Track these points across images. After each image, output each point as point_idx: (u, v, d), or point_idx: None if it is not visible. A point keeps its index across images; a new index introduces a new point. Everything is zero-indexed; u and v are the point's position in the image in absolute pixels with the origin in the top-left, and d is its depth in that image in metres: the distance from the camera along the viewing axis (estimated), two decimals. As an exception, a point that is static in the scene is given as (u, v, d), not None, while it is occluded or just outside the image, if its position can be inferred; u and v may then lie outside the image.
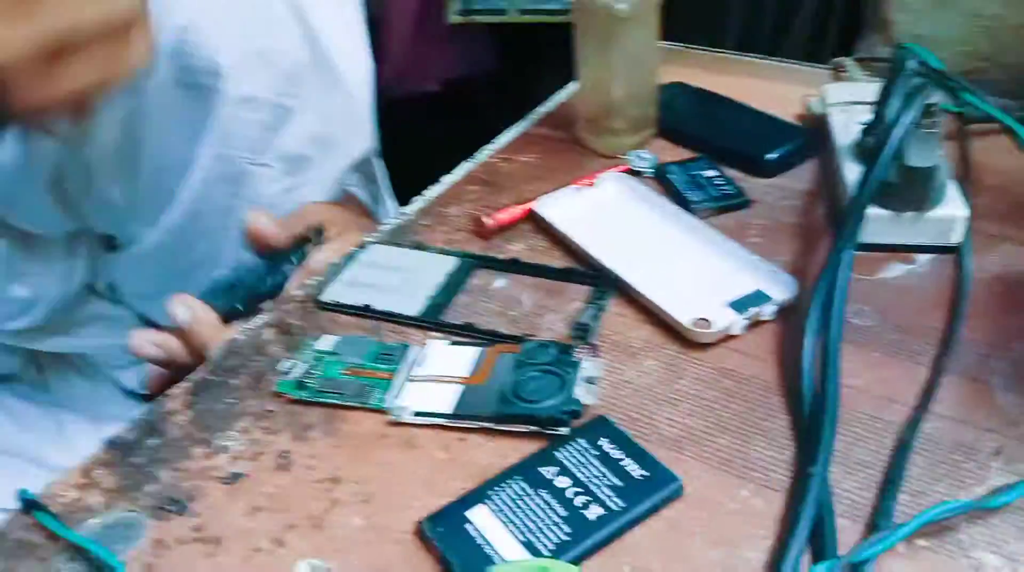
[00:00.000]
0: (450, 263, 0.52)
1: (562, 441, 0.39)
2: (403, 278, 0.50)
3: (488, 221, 0.54)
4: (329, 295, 0.49)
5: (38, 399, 0.66)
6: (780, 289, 0.46)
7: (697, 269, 0.49)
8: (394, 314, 0.48)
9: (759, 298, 0.46)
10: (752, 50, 0.77)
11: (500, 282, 0.50)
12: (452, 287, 0.50)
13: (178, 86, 0.53)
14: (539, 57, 1.22)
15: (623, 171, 0.59)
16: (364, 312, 0.48)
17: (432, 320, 0.47)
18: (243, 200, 0.58)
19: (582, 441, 0.39)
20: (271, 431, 0.41)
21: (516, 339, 0.45)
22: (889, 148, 0.46)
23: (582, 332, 0.46)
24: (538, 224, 0.55)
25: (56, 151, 0.53)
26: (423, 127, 1.10)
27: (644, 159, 0.60)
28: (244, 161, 0.57)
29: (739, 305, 0.45)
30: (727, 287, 0.47)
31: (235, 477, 0.39)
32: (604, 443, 0.38)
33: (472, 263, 0.52)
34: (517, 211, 0.55)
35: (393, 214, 0.60)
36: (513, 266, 0.52)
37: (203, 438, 0.41)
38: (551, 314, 0.48)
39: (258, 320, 0.48)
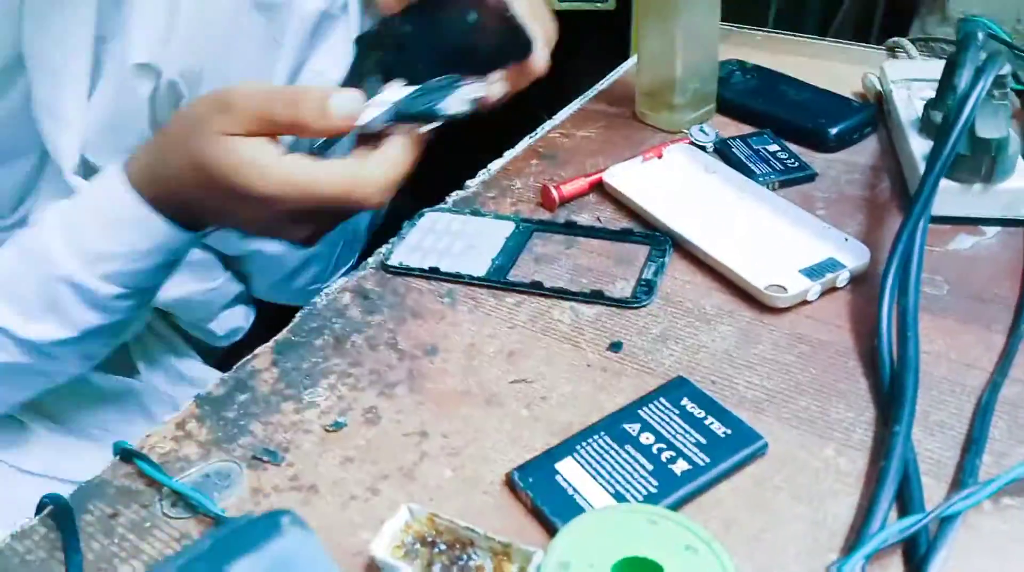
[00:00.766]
0: (507, 227, 0.53)
1: (644, 401, 0.39)
2: (464, 242, 0.51)
3: (554, 191, 0.55)
4: (396, 259, 0.50)
5: (119, 373, 0.64)
6: (853, 257, 0.46)
7: (769, 237, 0.49)
8: (461, 275, 0.49)
9: (833, 265, 0.46)
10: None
11: (565, 248, 0.51)
12: (513, 250, 0.51)
13: (254, 8, 0.51)
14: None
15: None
16: (432, 274, 0.49)
17: (498, 280, 0.48)
18: None
19: (664, 400, 0.39)
20: (357, 388, 0.42)
21: (583, 296, 0.46)
22: (963, 118, 0.46)
23: (646, 288, 0.47)
24: (606, 195, 0.56)
25: None
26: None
27: (705, 134, 0.60)
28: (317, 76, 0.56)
29: (813, 272, 0.46)
30: (800, 254, 0.47)
31: (336, 426, 0.40)
32: (686, 402, 0.39)
33: (529, 227, 0.53)
34: (583, 183, 0.56)
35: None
36: (570, 228, 0.52)
37: (291, 394, 0.42)
38: (620, 281, 0.48)
39: (336, 285, 0.49)
